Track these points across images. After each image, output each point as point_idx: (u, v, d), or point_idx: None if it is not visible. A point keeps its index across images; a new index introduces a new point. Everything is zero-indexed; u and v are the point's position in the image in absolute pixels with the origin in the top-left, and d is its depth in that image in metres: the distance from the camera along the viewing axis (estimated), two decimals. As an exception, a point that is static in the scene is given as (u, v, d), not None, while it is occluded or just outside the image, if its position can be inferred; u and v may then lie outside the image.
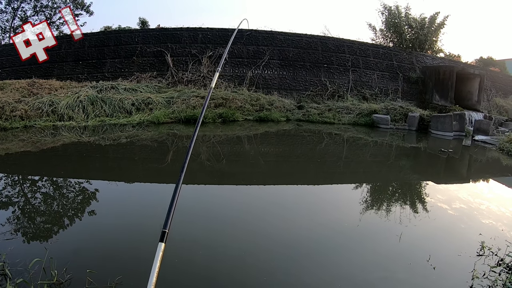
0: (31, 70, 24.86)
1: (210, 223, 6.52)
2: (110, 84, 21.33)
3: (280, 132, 17.63)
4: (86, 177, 9.52)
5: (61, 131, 15.24)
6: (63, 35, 34.45)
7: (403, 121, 20.87)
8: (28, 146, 12.90)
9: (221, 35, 25.26)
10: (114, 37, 26.03)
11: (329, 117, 21.26)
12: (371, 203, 7.96)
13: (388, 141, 17.05)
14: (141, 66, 24.37)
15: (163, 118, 17.85)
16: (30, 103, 17.52)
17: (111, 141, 13.87)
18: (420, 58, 28.87)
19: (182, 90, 21.84)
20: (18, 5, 44.71)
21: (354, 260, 5.22)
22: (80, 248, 5.36)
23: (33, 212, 7.05)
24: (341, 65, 26.05)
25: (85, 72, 24.51)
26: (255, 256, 5.23)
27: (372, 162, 13.21)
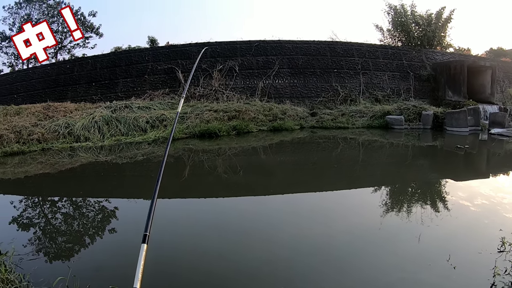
0: (46, 94, 25.27)
1: (227, 235, 6.53)
2: (124, 103, 21.54)
3: (295, 140, 17.61)
4: (105, 196, 9.62)
5: (78, 152, 15.41)
6: (75, 58, 35.02)
7: (417, 120, 20.66)
8: (46, 168, 13.09)
9: (229, 48, 25.42)
10: (124, 57, 26.35)
11: (342, 122, 21.13)
12: (390, 206, 7.88)
13: (403, 141, 16.94)
14: (153, 84, 24.59)
15: (177, 134, 17.88)
16: (47, 126, 17.78)
17: (128, 159, 13.99)
18: (430, 55, 28.55)
19: (195, 105, 21.96)
20: (30, 32, 45.11)
21: (374, 263, 5.15)
22: (102, 265, 5.42)
23: (55, 232, 7.14)
24: (351, 68, 25.92)
25: (99, 93, 24.81)
26: (273, 264, 5.23)
27: (389, 164, 13.11)
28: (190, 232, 6.72)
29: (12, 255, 5.12)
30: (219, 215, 7.79)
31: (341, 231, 6.39)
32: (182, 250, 5.97)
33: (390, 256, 5.39)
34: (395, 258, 5.28)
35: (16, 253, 5.23)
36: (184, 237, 6.51)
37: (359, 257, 5.41)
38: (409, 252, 5.46)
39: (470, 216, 7.08)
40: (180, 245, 6.15)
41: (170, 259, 5.48)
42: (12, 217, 7.96)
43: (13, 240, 5.71)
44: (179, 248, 6.03)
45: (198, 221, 7.49)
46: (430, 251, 5.45)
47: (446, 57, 29.03)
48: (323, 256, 5.47)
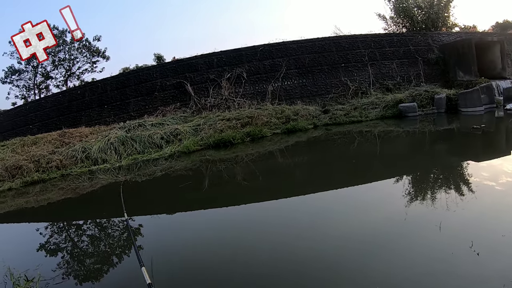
0: (60, 121, 25.56)
1: (258, 242, 6.60)
2: (137, 122, 21.72)
3: (310, 140, 17.51)
4: (128, 214, 9.71)
5: (97, 174, 15.59)
6: (85, 83, 35.40)
7: (431, 105, 20.30)
8: (68, 193, 13.24)
9: (235, 56, 25.45)
10: (133, 77, 26.54)
11: (355, 116, 20.88)
12: (413, 195, 7.77)
13: (419, 128, 16.73)
14: (164, 100, 24.73)
15: (192, 146, 17.98)
16: (64, 153, 18.03)
17: (147, 176, 14.09)
18: (436, 37, 28.01)
19: (207, 116, 22.03)
20: (37, 63, 46.08)
21: (398, 257, 5.14)
22: (126, 286, 5.49)
23: (80, 255, 7.20)
24: (358, 61, 25.71)
25: (112, 114, 25.02)
26: (326, 253, 5.29)
27: (407, 152, 12.95)
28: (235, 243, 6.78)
29: (38, 281, 5.22)
30: (246, 223, 7.84)
31: (365, 226, 6.36)
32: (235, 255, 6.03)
33: (415, 247, 5.32)
34: (421, 249, 5.21)
35: (42, 278, 5.31)
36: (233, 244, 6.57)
37: (384, 251, 5.36)
38: (433, 241, 5.36)
39: (495, 196, 6.97)
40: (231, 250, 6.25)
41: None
42: (38, 244, 8.09)
43: (38, 267, 5.80)
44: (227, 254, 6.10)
45: (232, 227, 7.55)
46: (452, 238, 5.34)
47: (453, 37, 28.38)
48: (350, 252, 5.46)
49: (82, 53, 48.18)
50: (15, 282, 5.07)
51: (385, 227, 6.18)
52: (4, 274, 5.61)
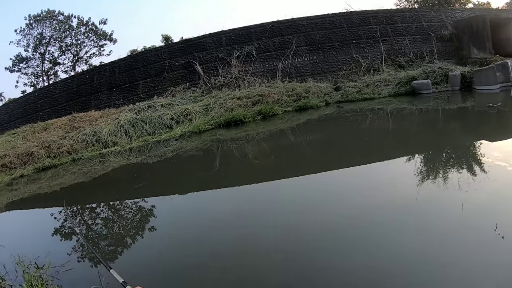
0: (69, 106, 25.51)
1: (279, 218, 6.46)
2: (147, 103, 21.56)
3: (322, 117, 17.21)
4: (141, 196, 9.55)
5: (108, 157, 15.50)
6: (93, 67, 35.33)
7: (445, 83, 19.83)
8: (80, 177, 13.15)
9: (244, 34, 25.12)
10: (141, 59, 26.34)
11: (368, 93, 20.55)
12: (426, 174, 7.48)
13: (433, 106, 16.29)
14: (173, 80, 24.54)
15: (203, 126, 17.86)
16: (74, 137, 17.98)
17: (158, 157, 13.94)
18: (449, 14, 27.33)
19: (217, 95, 21.83)
20: (45, 50, 46.21)
21: (417, 237, 4.86)
22: (135, 271, 5.30)
23: (94, 237, 7.11)
24: (370, 37, 25.22)
25: (121, 97, 24.92)
26: (342, 228, 5.08)
27: (421, 130, 12.58)
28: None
29: (48, 268, 5.11)
30: (263, 203, 7.67)
31: (378, 205, 6.11)
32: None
33: (433, 229, 5.06)
34: (438, 232, 4.95)
35: (52, 265, 5.17)
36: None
37: (397, 232, 5.12)
38: (453, 223, 5.11)
39: (509, 177, 6.68)
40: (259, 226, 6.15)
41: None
42: (48, 231, 8.00)
43: (48, 253, 5.66)
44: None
45: (243, 208, 7.40)
46: (474, 222, 5.07)
47: (466, 14, 27.61)
48: (362, 231, 5.27)
49: (89, 37, 48.22)
50: (25, 270, 4.93)
51: (403, 207, 5.92)
52: (14, 263, 5.47)
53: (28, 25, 46.21)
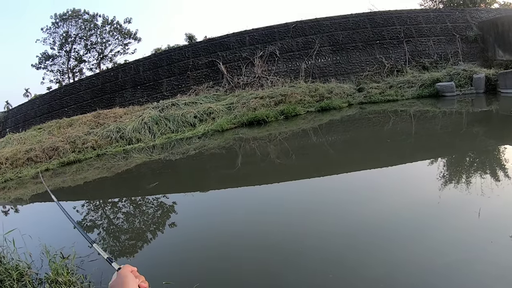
0: (94, 103, 25.92)
1: (300, 218, 6.47)
2: (170, 101, 21.77)
3: (344, 118, 17.09)
4: (162, 192, 9.66)
5: (131, 153, 15.71)
6: (117, 65, 35.79)
7: (469, 85, 19.17)
8: (103, 172, 13.37)
9: (267, 33, 25.12)
10: (165, 57, 26.58)
11: (391, 94, 20.22)
12: (448, 178, 7.24)
13: (456, 109, 15.93)
14: (197, 79, 24.71)
15: (226, 125, 17.94)
16: (99, 133, 18.30)
17: (181, 155, 14.06)
18: (475, 14, 26.58)
19: (240, 94, 21.89)
20: (70, 47, 47.04)
21: (432, 241, 4.84)
22: (158, 262, 5.42)
23: (114, 232, 7.23)
24: (393, 38, 24.85)
25: (145, 95, 25.20)
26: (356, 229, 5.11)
27: (444, 134, 12.33)
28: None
29: (74, 258, 5.22)
30: (281, 201, 7.70)
31: (400, 208, 6.08)
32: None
33: (450, 232, 4.98)
34: (456, 235, 4.87)
35: (77, 255, 5.30)
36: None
37: (418, 234, 5.03)
38: (470, 227, 5.00)
39: None
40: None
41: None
42: (76, 221, 8.14)
43: (74, 244, 5.78)
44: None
45: (262, 206, 7.44)
46: (490, 226, 4.95)
47: (492, 14, 26.84)
48: (383, 232, 5.24)
49: (114, 36, 48.89)
50: (51, 260, 5.06)
51: (421, 209, 5.87)
52: (41, 252, 5.63)
53: (54, 23, 47.17)
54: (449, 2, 29.33)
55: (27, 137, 20.95)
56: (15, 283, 4.64)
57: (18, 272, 4.90)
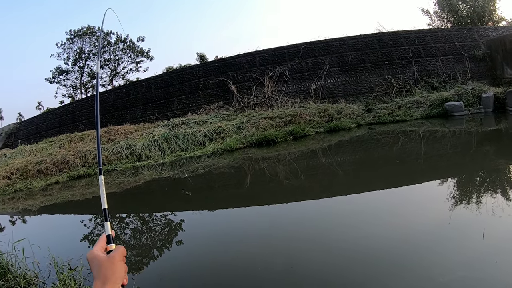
0: (106, 118, 26.16)
1: (303, 242, 6.56)
2: (181, 120, 21.98)
3: (353, 139, 17.09)
4: (170, 210, 9.80)
5: (141, 170, 15.86)
6: (129, 83, 36.22)
7: (478, 104, 19.21)
8: (113, 187, 13.51)
9: (277, 54, 25.38)
10: (176, 76, 26.90)
11: (400, 115, 20.16)
12: (458, 198, 7.21)
13: (465, 128, 15.92)
14: (207, 98, 24.94)
15: (235, 144, 18.01)
16: (109, 149, 18.54)
17: (190, 173, 14.16)
18: (482, 32, 26.56)
19: (250, 114, 22.03)
20: (84, 63, 47.80)
21: (437, 260, 4.91)
22: (165, 275, 5.53)
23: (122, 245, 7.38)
24: (402, 58, 24.93)
25: (156, 112, 25.46)
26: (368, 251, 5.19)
27: (453, 153, 12.32)
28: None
29: (81, 270, 5.34)
30: (289, 223, 7.79)
31: (407, 228, 6.14)
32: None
33: (456, 254, 4.95)
34: (462, 257, 4.88)
35: (85, 267, 5.44)
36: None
37: (422, 254, 5.05)
38: (476, 248, 5.02)
39: None
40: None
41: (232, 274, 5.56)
42: (82, 234, 8.31)
43: (81, 256, 5.92)
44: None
45: (270, 227, 7.53)
46: (497, 246, 4.97)
47: (500, 32, 26.72)
48: (386, 254, 5.30)
49: (127, 54, 49.60)
50: (59, 270, 5.21)
51: (426, 230, 5.92)
52: (49, 262, 5.77)
53: (69, 39, 48.09)
54: (457, 22, 29.40)
55: (38, 149, 21.30)
56: (22, 291, 4.79)
57: (26, 281, 5.01)
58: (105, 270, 1.24)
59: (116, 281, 1.23)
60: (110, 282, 1.21)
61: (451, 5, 29.56)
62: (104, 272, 1.23)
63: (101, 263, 1.26)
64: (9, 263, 5.72)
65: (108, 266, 1.25)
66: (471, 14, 29.06)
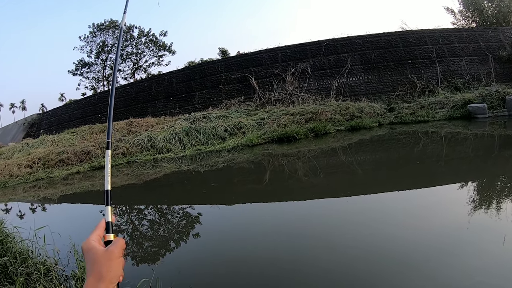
0: (127, 111, 26.40)
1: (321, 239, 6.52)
2: (202, 114, 22.05)
3: (374, 138, 16.89)
4: (188, 203, 9.82)
5: (161, 162, 15.96)
6: (151, 76, 36.43)
7: (501, 107, 18.86)
8: (132, 179, 13.63)
9: (299, 50, 25.30)
10: (198, 71, 27.00)
11: (422, 115, 19.92)
12: (478, 203, 6.96)
13: (488, 131, 15.58)
14: (228, 93, 24.98)
15: (256, 140, 18.03)
16: (130, 141, 18.72)
17: (209, 167, 14.18)
18: (508, 33, 26.00)
19: (271, 110, 21.99)
20: (106, 56, 48.29)
21: (454, 264, 4.83)
22: (184, 268, 5.52)
23: (141, 237, 7.37)
24: (425, 58, 24.55)
25: (177, 106, 25.59)
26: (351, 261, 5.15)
27: (474, 157, 11.94)
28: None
29: None
30: (304, 221, 7.75)
31: (424, 232, 6.04)
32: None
33: (476, 259, 4.78)
34: (481, 262, 4.73)
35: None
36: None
37: (440, 258, 4.94)
38: (496, 254, 4.84)
39: None
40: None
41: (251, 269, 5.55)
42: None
43: (100, 245, 5.96)
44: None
45: (284, 223, 7.50)
46: None
47: None
48: (403, 257, 5.21)
49: (149, 47, 49.95)
50: (79, 259, 5.25)
51: (444, 233, 5.80)
52: (69, 250, 5.82)
53: (92, 33, 48.65)
54: (482, 21, 28.87)
55: (60, 139, 21.61)
56: (42, 277, 4.81)
57: (46, 267, 5.06)
58: (101, 267, 1.09)
59: (112, 280, 1.09)
60: (105, 281, 1.07)
61: (476, 4, 29.07)
62: (99, 269, 1.09)
63: (97, 257, 1.11)
64: (29, 249, 5.81)
65: (104, 262, 1.10)
66: (496, 13, 28.53)
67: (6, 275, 5.12)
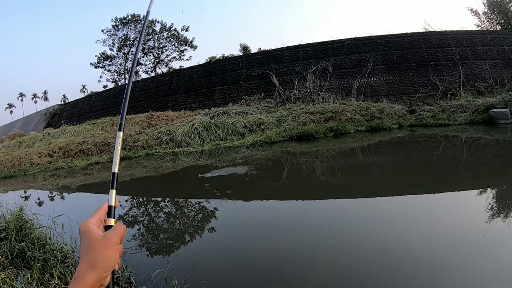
0: (148, 104, 26.65)
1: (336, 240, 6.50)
2: (222, 109, 22.16)
3: (394, 140, 16.70)
4: (205, 197, 9.86)
5: (179, 156, 16.08)
6: (172, 70, 36.69)
7: None
8: (150, 171, 13.77)
9: (321, 49, 25.20)
10: (219, 66, 27.09)
11: (443, 118, 19.53)
12: (496, 211, 6.76)
13: (510, 138, 15.13)
14: (249, 90, 25.02)
15: (275, 137, 18.05)
16: (150, 134, 18.93)
17: (227, 162, 14.20)
18: None
19: (291, 108, 21.98)
20: (128, 50, 48.81)
21: (470, 271, 4.75)
22: (199, 261, 5.55)
23: (157, 229, 7.42)
24: (448, 60, 24.10)
25: (197, 101, 25.74)
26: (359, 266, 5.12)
27: (495, 163, 11.80)
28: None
29: None
30: (322, 221, 7.75)
31: (440, 238, 5.97)
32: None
33: (489, 267, 4.77)
34: (496, 270, 4.77)
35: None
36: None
37: (458, 266, 4.88)
38: None
39: None
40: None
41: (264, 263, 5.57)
42: (118, 215, 8.45)
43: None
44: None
45: (302, 224, 7.50)
46: None
47: None
48: (421, 261, 5.19)
49: (171, 42, 50.35)
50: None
51: (460, 239, 5.73)
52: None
53: (114, 26, 49.22)
54: (507, 24, 28.41)
55: (81, 130, 21.93)
56: (58, 263, 4.90)
57: (63, 254, 5.17)
58: (96, 254, 1.03)
59: (105, 269, 1.03)
60: (98, 269, 1.01)
61: (502, 7, 28.60)
62: (94, 256, 1.03)
63: (93, 243, 1.05)
64: (47, 236, 5.96)
65: (100, 249, 1.04)
66: (522, 16, 28.09)
67: (24, 260, 5.25)
